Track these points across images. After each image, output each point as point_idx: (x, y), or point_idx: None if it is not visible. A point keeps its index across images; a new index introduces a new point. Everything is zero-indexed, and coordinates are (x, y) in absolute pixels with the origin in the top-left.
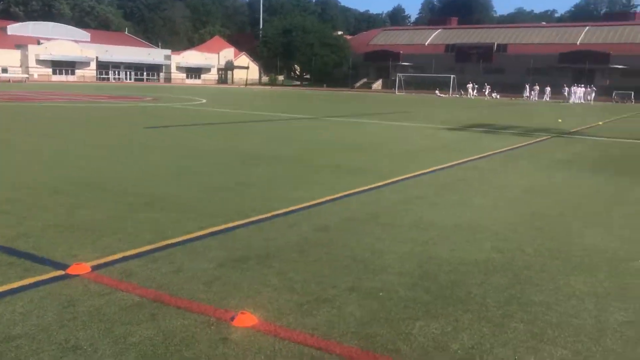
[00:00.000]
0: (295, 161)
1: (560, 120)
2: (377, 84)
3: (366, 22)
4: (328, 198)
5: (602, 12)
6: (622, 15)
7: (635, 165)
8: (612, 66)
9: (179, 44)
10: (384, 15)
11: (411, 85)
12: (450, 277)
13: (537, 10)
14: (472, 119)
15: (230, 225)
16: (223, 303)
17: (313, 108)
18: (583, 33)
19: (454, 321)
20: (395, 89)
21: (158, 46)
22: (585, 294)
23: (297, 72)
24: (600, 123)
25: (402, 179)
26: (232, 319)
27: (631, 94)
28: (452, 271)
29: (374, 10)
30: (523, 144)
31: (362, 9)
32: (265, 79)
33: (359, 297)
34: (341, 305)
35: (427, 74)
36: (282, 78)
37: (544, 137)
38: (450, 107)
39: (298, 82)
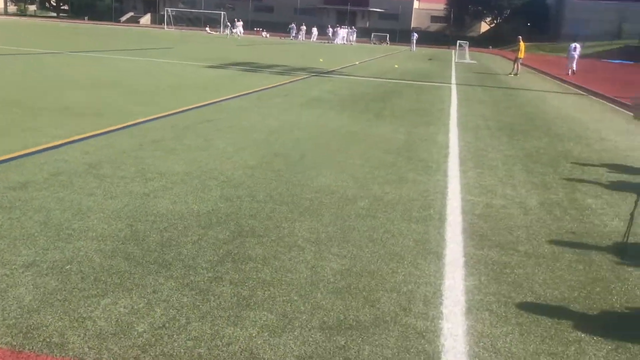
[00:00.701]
0: (10, 104)
1: (321, 60)
2: (146, 19)
3: None
4: (39, 148)
5: None
6: None
7: (379, 102)
8: (371, 9)
9: None
10: None
11: (182, 21)
12: (163, 237)
13: None
14: (238, 57)
15: None
16: None
17: (63, 42)
18: None
19: (151, 293)
20: (164, 24)
21: None
22: (307, 241)
23: (54, 3)
24: (357, 63)
25: (143, 122)
26: None
27: (387, 36)
28: (167, 228)
29: None
30: (281, 82)
31: None
32: (12, 8)
33: (35, 275)
34: (7, 288)
35: (198, 9)
36: (35, 8)
37: (303, 76)
38: (218, 45)
39: (54, 14)
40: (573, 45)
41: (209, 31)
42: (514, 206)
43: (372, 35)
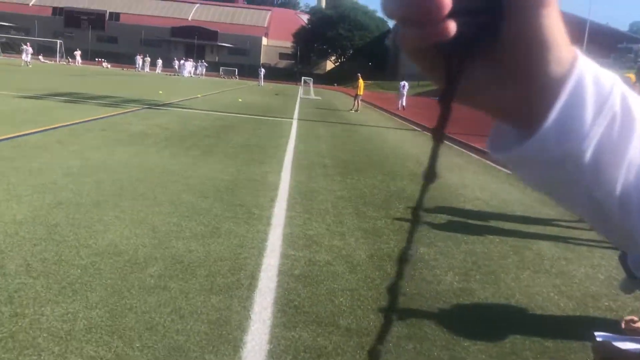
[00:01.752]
0: None
1: (161, 92)
2: None
3: None
4: None
5: None
6: None
7: (212, 138)
8: (220, 44)
9: None
10: None
11: (12, 48)
12: None
13: None
14: (65, 87)
15: None
16: None
17: None
18: (194, 10)
19: None
20: None
21: None
22: (53, 337)
23: None
24: (199, 96)
25: None
26: None
27: (235, 70)
28: None
29: None
30: (104, 115)
31: None
32: None
33: None
34: None
35: (31, 37)
36: None
37: (134, 109)
38: (47, 74)
39: None
40: (402, 83)
41: (43, 60)
42: (340, 262)
43: (221, 69)
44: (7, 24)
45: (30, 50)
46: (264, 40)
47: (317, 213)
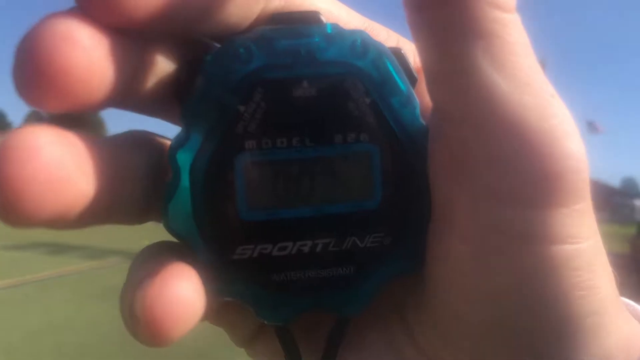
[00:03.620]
0: None
1: (147, 242)
2: None
3: None
4: None
5: None
6: None
7: None
8: None
9: None
10: None
11: None
12: None
13: None
14: (47, 236)
15: None
16: None
17: None
18: None
19: None
20: None
21: None
22: None
23: None
24: None
25: None
26: None
27: None
28: None
29: None
30: (80, 269)
31: None
32: None
33: None
34: None
35: None
36: None
37: (113, 261)
38: None
39: None
40: None
41: None
42: None
43: None
44: None
45: None
46: None
47: None
